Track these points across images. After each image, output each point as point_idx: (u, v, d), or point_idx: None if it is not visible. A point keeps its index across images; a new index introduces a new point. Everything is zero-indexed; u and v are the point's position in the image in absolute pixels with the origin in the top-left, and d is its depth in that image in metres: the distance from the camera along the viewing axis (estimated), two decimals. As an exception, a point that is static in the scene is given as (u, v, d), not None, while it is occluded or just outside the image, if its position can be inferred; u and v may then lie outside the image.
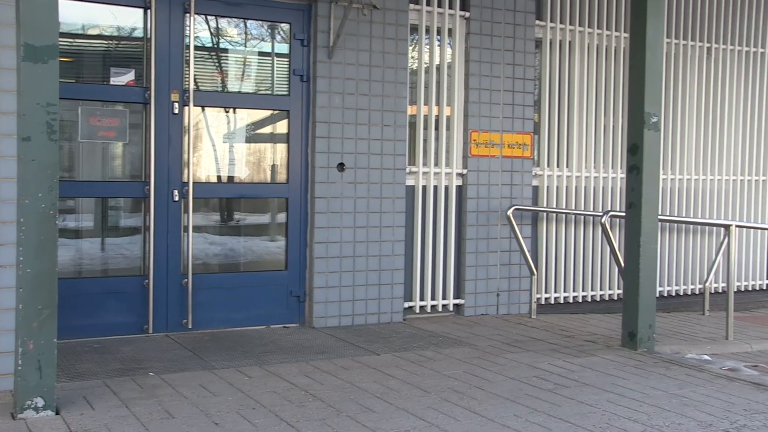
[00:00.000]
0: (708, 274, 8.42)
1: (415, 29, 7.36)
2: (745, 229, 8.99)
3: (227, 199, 6.98)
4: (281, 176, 6.98)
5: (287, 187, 6.92)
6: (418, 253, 7.35)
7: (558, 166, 8.03)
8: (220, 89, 6.84)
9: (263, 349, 6.04)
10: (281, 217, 7.00)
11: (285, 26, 6.92)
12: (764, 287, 9.35)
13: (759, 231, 9.18)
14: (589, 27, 8.12)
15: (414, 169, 7.32)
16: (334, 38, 6.77)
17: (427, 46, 7.43)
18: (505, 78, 7.61)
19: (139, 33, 6.47)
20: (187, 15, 6.44)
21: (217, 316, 6.66)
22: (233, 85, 6.93)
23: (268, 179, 7.05)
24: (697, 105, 8.82)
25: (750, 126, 9.16)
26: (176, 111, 6.42)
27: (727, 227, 7.23)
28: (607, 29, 8.22)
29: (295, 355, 5.84)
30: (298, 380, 5.14)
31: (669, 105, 8.60)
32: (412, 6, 7.22)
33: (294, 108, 6.89)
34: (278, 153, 7.04)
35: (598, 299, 8.26)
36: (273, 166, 7.08)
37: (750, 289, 9.25)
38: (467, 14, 7.45)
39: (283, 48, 6.98)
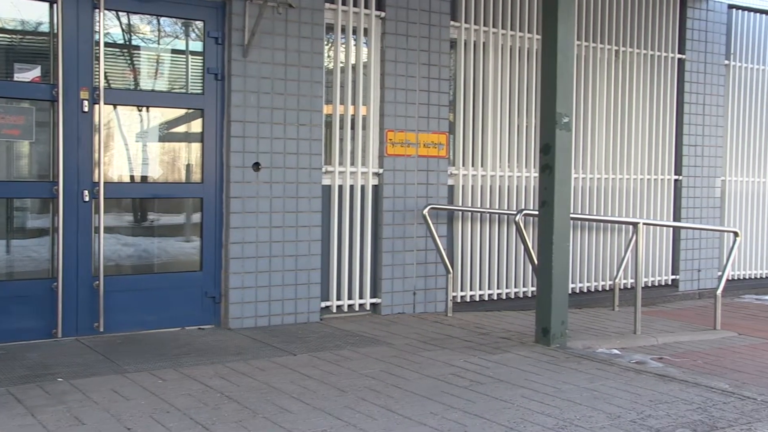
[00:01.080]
0: (617, 271, 8.67)
1: (330, 28, 7.34)
2: (652, 227, 9.30)
3: (140, 200, 6.82)
4: (196, 176, 6.86)
5: (202, 187, 6.81)
6: (334, 252, 7.35)
7: (473, 166, 8.14)
8: (132, 87, 6.68)
9: (178, 351, 5.93)
10: (196, 217, 6.89)
11: (199, 24, 6.81)
12: (669, 282, 9.69)
13: (665, 228, 9.51)
14: (502, 28, 8.26)
15: (330, 168, 7.31)
16: (249, 37, 6.70)
17: (343, 46, 7.42)
18: (420, 78, 7.67)
19: (45, 28, 6.26)
20: (97, 10, 6.27)
21: (131, 319, 6.51)
22: (146, 83, 6.78)
23: (183, 179, 6.93)
24: (606, 106, 9.07)
25: (656, 127, 9.47)
26: (86, 109, 6.24)
27: (635, 225, 7.46)
28: (520, 31, 8.38)
29: (210, 357, 5.75)
30: (214, 382, 5.06)
31: (580, 106, 8.82)
32: (327, 5, 7.20)
33: (208, 107, 6.79)
34: (193, 152, 6.93)
35: (512, 297, 8.41)
36: (187, 166, 6.96)
37: (657, 284, 9.58)
38: (383, 14, 7.48)
39: (197, 46, 6.87)
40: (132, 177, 6.74)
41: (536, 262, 6.64)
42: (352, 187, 7.44)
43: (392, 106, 7.53)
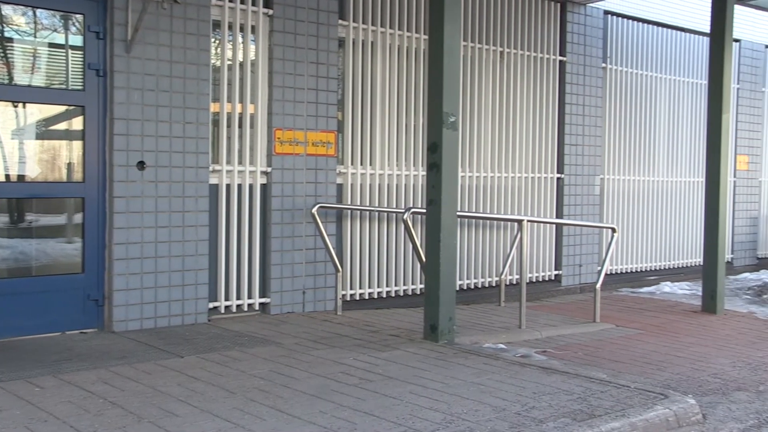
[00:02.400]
0: (503, 267, 8.89)
1: (217, 25, 7.22)
2: (536, 224, 9.58)
3: (17, 200, 6.53)
4: (77, 175, 6.63)
5: (83, 187, 6.58)
6: (222, 252, 7.24)
7: (361, 164, 8.18)
8: (6, 82, 6.37)
9: (58, 357, 5.71)
10: (78, 217, 6.65)
11: (79, 17, 6.57)
12: (553, 278, 10.01)
13: (548, 225, 9.82)
14: (390, 28, 8.33)
15: (218, 167, 7.19)
16: (132, 32, 6.51)
17: (230, 43, 7.32)
18: (309, 76, 7.65)
19: None
20: (-33, 1, 5.96)
21: (6, 325, 6.21)
22: (22, 78, 6.49)
23: (63, 178, 6.68)
24: (491, 106, 9.29)
25: (539, 126, 9.77)
26: (-45, 104, 5.93)
27: (519, 222, 7.66)
28: (407, 30, 8.48)
29: (93, 362, 5.57)
30: (96, 388, 4.90)
31: (466, 105, 9.00)
32: (214, 1, 7.09)
33: (90, 104, 6.56)
34: (74, 150, 6.68)
35: (401, 294, 8.50)
36: (68, 165, 6.71)
37: (541, 279, 9.88)
38: (270, 12, 7.42)
39: (77, 40, 6.62)
40: (8, 176, 6.43)
41: (424, 259, 6.73)
42: (240, 186, 7.35)
43: (280, 104, 7.48)
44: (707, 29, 9.05)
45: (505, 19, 9.34)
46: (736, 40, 12.00)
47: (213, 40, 7.16)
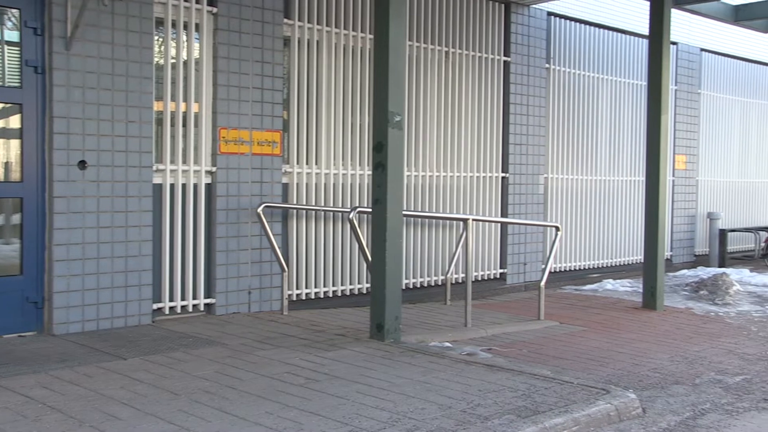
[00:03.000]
0: (449, 266, 8.95)
1: (161, 23, 7.12)
2: (481, 222, 9.67)
3: (-50, 200, 6.36)
4: (15, 174, 6.47)
5: (21, 186, 6.43)
6: (167, 252, 7.15)
7: (307, 164, 8.16)
8: (-61, 78, 6.20)
9: (-5, 361, 5.57)
10: (16, 218, 6.49)
11: (15, 12, 6.41)
12: (498, 276, 10.11)
13: (493, 224, 9.92)
14: (336, 27, 8.32)
15: (161, 166, 7.10)
16: (71, 28, 6.38)
17: (174, 41, 7.23)
18: (254, 75, 7.60)
19: None
20: None
21: (-60, 329, 6.05)
22: (-45, 75, 6.32)
23: (0, 178, 6.51)
24: (437, 105, 9.34)
25: (484, 126, 9.86)
26: None
27: (465, 221, 7.72)
28: (353, 30, 8.48)
29: (32, 366, 5.44)
30: (35, 392, 4.80)
31: (412, 105, 9.04)
32: (156, -2, 7.00)
33: (28, 101, 6.41)
34: (11, 149, 6.52)
35: (348, 293, 8.50)
36: (6, 164, 6.54)
37: (486, 278, 9.97)
38: (215, 10, 7.35)
39: (13, 36, 6.46)
40: (-59, 176, 6.26)
41: (370, 258, 6.74)
42: (184, 185, 7.27)
43: (225, 103, 7.42)
44: (646, 32, 9.23)
45: (450, 19, 9.40)
46: (674, 43, 12.27)
47: (156, 37, 7.06)
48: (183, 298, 7.28)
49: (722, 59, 13.82)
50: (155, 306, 7.07)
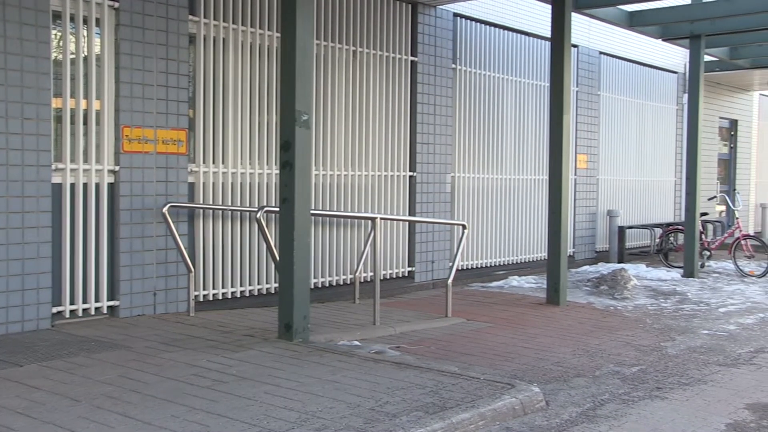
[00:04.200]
0: (358, 265, 8.97)
1: (58, 16, 6.89)
2: (389, 221, 9.73)
3: None
4: None
5: None
6: (67, 254, 6.92)
7: (214, 163, 8.04)
8: None
9: None
10: None
11: None
12: (406, 274, 10.20)
13: (401, 222, 9.99)
14: (242, 25, 8.23)
15: (61, 165, 6.87)
16: (-38, 21, 6.11)
17: (73, 36, 7.00)
18: (158, 73, 7.44)
19: None
20: None
21: None
22: None
23: None
24: (345, 104, 9.35)
25: (392, 125, 9.92)
26: None
27: (373, 220, 7.75)
28: (260, 28, 8.40)
29: None
30: (-75, 402, 4.58)
31: (320, 104, 9.02)
32: (54, -9, 6.77)
33: None
34: None
35: (256, 294, 8.43)
36: None
37: (395, 276, 10.04)
38: (116, 5, 7.16)
39: None
40: None
41: (278, 258, 6.69)
42: (85, 185, 7.05)
43: (128, 101, 7.24)
44: (549, 34, 9.47)
45: (357, 19, 9.42)
46: (575, 46, 12.65)
47: (54, 32, 6.83)
48: (85, 301, 7.07)
49: (620, 62, 14.31)
50: (55, 310, 6.84)
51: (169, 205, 7.40)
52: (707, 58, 13.79)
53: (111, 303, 7.24)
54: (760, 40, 13.24)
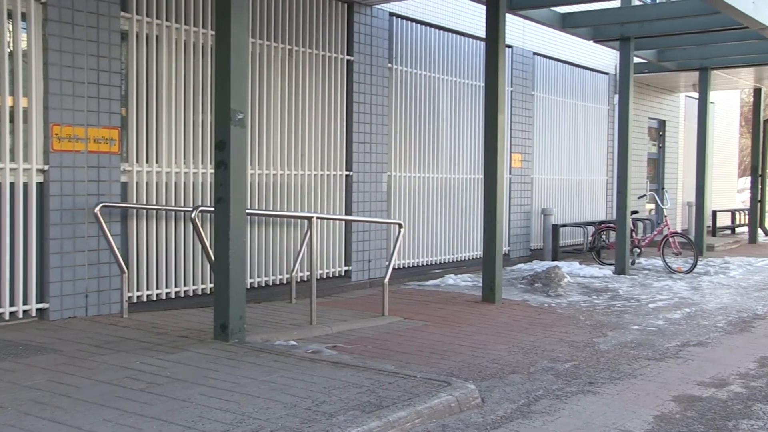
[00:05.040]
0: (294, 264, 8.93)
1: (-17, 11, 6.69)
2: (325, 220, 9.72)
3: None
4: None
5: None
6: (-6, 256, 6.74)
7: (147, 162, 7.91)
8: None
9: None
10: None
11: None
12: (343, 273, 10.20)
13: (337, 222, 9.99)
14: (176, 22, 8.11)
15: (-13, 164, 6.68)
16: None
17: (-1, 31, 6.81)
18: (89, 70, 7.28)
19: None
20: None
21: None
22: None
23: None
24: (281, 103, 9.30)
25: (328, 124, 9.91)
26: None
27: (309, 219, 7.72)
28: (194, 26, 8.29)
29: None
30: None
31: (255, 103, 8.95)
32: (-21, -15, 6.57)
33: None
34: None
35: (191, 294, 8.32)
36: None
37: (331, 275, 10.03)
38: (45, -1, 6.99)
39: None
40: None
41: (213, 258, 6.62)
42: (12, 185, 6.86)
43: (58, 98, 7.07)
44: (484, 35, 9.58)
45: (293, 17, 9.38)
46: (509, 46, 12.82)
47: (-21, 27, 6.63)
48: (12, 304, 6.88)
49: (553, 63, 14.56)
50: (-19, 313, 6.65)
51: (101, 205, 7.26)
52: (636, 60, 14.17)
53: (40, 306, 7.07)
54: (685, 43, 13.68)
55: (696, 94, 17.56)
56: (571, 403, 5.30)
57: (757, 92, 19.41)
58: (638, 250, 13.55)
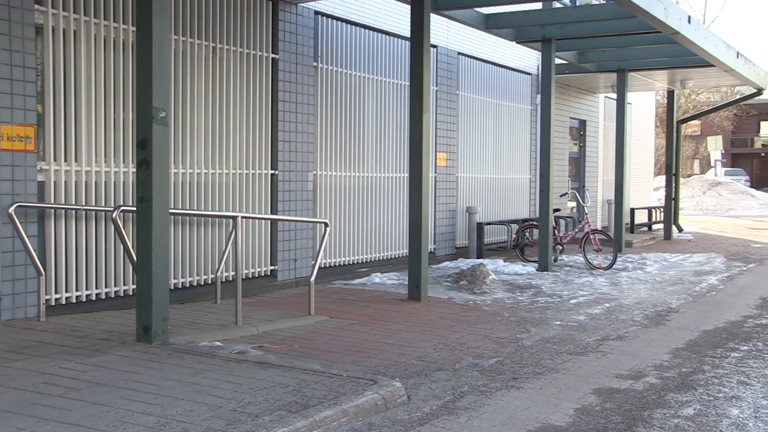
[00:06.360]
0: (219, 264, 8.82)
1: None
2: (251, 220, 9.62)
3: None
4: None
5: None
6: None
7: (66, 161, 7.70)
8: None
9: None
10: None
11: None
12: (269, 273, 10.12)
13: (263, 221, 9.91)
14: (95, 17, 7.91)
15: None
16: None
17: None
18: (1, 65, 7.04)
19: None
20: None
21: None
22: None
23: None
24: (205, 101, 9.16)
25: (253, 123, 9.81)
26: None
27: (234, 218, 7.64)
28: (114, 21, 8.10)
29: None
30: None
31: (178, 101, 8.80)
32: None
33: None
34: None
35: (113, 296, 8.14)
36: None
37: (257, 275, 9.94)
38: (-45, -8, 6.73)
39: None
40: None
41: (135, 259, 6.49)
42: None
43: (-31, 94, 6.82)
44: (409, 34, 9.63)
45: (217, 14, 9.26)
46: (434, 46, 12.92)
47: None
48: None
49: (477, 63, 14.74)
50: None
51: (15, 205, 7.03)
52: (558, 61, 14.46)
53: (-48, 310, 6.82)
54: (604, 45, 14.05)
55: (614, 95, 18.04)
56: (496, 398, 5.38)
57: (671, 94, 20.07)
58: (560, 248, 13.83)
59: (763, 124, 64.88)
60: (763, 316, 8.87)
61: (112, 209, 7.35)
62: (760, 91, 18.60)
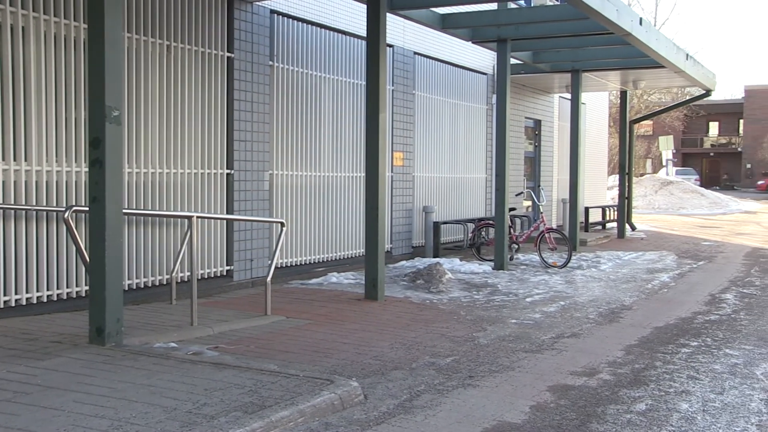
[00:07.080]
0: (174, 265, 8.73)
1: None
2: (206, 220, 9.54)
3: None
4: None
5: None
6: None
7: (15, 161, 7.55)
8: None
9: None
10: None
11: None
12: (225, 273, 10.05)
13: (219, 221, 9.83)
14: (44, 13, 7.77)
15: None
16: None
17: None
18: (-50, 62, 6.89)
19: None
20: None
21: None
22: None
23: None
24: (159, 100, 9.06)
25: (208, 122, 9.73)
26: None
27: (189, 218, 7.57)
28: (65, 18, 7.97)
29: None
30: None
31: (132, 100, 8.69)
32: None
33: None
34: None
35: (65, 297, 8.00)
36: None
37: (213, 275, 9.86)
38: None
39: None
40: None
41: (88, 260, 6.40)
42: None
43: None
44: (365, 34, 9.63)
45: (171, 12, 9.16)
46: (390, 46, 12.94)
47: None
48: None
49: (434, 63, 14.80)
50: None
51: (-36, 205, 6.88)
52: (513, 61, 14.60)
53: None
54: (558, 46, 14.21)
55: (569, 95, 18.27)
56: (452, 396, 5.42)
57: (624, 94, 20.38)
58: (516, 246, 13.96)
59: (711, 124, 66.36)
60: (712, 313, 9.06)
61: (64, 209, 7.23)
62: (708, 92, 18.99)
